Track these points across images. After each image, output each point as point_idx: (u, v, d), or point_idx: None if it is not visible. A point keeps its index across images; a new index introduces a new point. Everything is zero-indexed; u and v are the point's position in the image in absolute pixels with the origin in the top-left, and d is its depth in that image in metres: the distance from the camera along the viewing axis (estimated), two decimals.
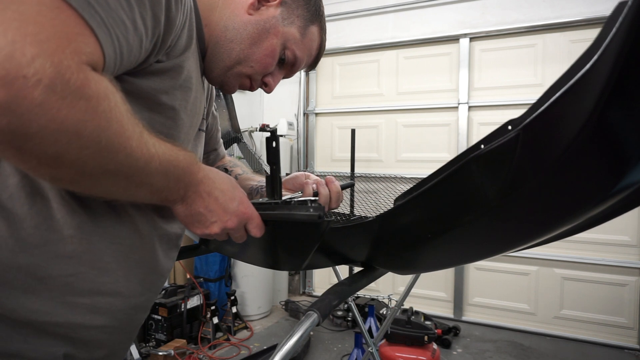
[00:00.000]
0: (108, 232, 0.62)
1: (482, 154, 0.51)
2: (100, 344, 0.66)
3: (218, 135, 1.06)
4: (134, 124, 0.51)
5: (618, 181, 0.52)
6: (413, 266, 0.90)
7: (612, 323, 3.18)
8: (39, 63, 0.41)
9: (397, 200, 1.06)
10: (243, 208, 0.67)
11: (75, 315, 0.61)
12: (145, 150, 0.53)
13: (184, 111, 0.67)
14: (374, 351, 2.00)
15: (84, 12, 0.45)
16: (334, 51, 4.11)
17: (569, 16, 3.22)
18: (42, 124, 0.42)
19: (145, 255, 0.68)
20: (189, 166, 0.60)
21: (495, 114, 3.51)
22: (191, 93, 0.68)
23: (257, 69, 0.76)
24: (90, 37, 0.46)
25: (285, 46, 0.77)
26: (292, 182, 0.93)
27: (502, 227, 0.62)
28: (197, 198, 0.63)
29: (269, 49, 0.75)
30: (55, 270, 0.58)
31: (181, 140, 0.69)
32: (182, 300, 2.98)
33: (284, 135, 4.00)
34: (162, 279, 0.75)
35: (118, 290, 0.65)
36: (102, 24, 0.47)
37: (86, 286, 0.61)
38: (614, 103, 0.43)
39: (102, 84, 0.47)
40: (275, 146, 0.74)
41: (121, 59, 0.51)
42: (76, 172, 0.48)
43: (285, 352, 0.60)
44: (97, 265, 0.61)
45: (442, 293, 3.72)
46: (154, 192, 0.58)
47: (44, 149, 0.44)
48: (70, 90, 0.43)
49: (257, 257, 0.95)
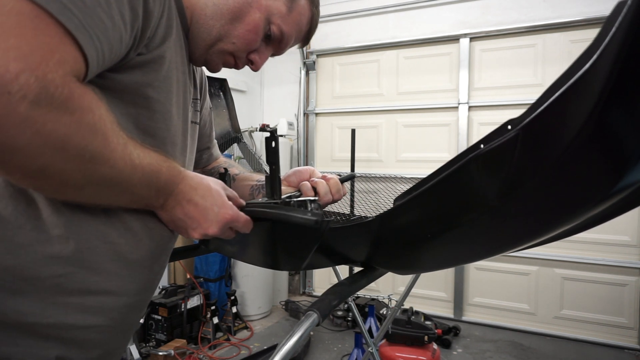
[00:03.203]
0: (99, 231, 0.61)
1: (482, 153, 0.51)
2: (94, 344, 0.64)
3: (212, 134, 1.04)
4: (118, 136, 0.52)
5: (618, 181, 0.51)
6: (413, 266, 0.90)
7: (612, 323, 3.18)
8: (24, 78, 0.41)
9: (396, 200, 1.06)
10: (223, 213, 0.66)
11: (66, 316, 0.59)
12: (129, 161, 0.53)
13: (170, 102, 0.66)
14: (374, 351, 2.00)
15: (61, 16, 0.45)
16: (334, 51, 4.11)
17: (569, 16, 3.22)
18: (28, 138, 0.43)
19: (138, 254, 0.67)
20: (171, 177, 0.61)
21: (495, 114, 3.51)
22: (173, 83, 0.67)
23: (239, 46, 0.73)
24: (71, 43, 0.46)
25: (270, 21, 0.73)
26: (294, 176, 0.91)
27: (501, 227, 0.62)
28: (177, 206, 0.64)
29: (251, 24, 0.71)
30: (43, 271, 0.57)
31: (171, 132, 0.68)
32: (182, 300, 2.98)
33: (284, 135, 3.99)
34: (157, 278, 0.74)
35: (110, 289, 0.63)
36: (80, 26, 0.47)
37: (76, 286, 0.60)
38: (614, 103, 0.42)
39: (86, 97, 0.47)
40: (275, 146, 0.74)
41: (103, 57, 0.51)
42: (60, 183, 0.49)
43: (285, 352, 0.59)
44: (86, 264, 0.60)
45: (442, 293, 3.72)
46: (135, 200, 0.59)
47: (29, 162, 0.45)
48: (55, 104, 0.44)
49: (256, 257, 0.95)
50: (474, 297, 3.62)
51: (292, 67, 4.30)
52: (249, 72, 4.28)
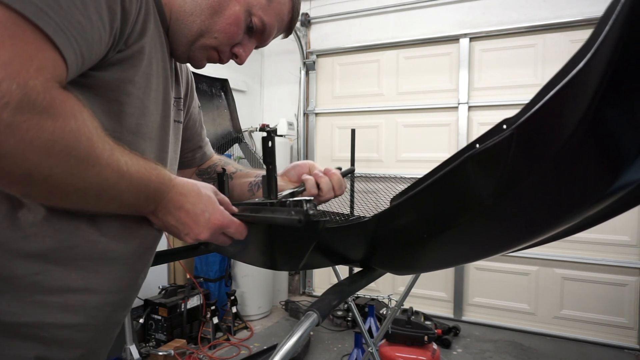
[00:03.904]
0: (80, 230, 0.61)
1: (477, 153, 0.51)
2: (75, 343, 0.63)
3: (203, 133, 1.03)
4: (104, 141, 0.52)
5: (614, 180, 0.51)
6: (410, 266, 0.90)
7: (612, 323, 3.18)
8: (5, 86, 0.42)
9: (393, 200, 1.06)
10: (213, 219, 0.66)
11: (45, 315, 0.59)
12: (116, 168, 0.53)
13: (148, 98, 0.66)
14: (374, 351, 2.00)
15: (38, 20, 0.45)
16: (334, 51, 4.11)
17: (568, 16, 3.22)
18: (12, 144, 0.43)
19: (120, 253, 0.66)
20: (160, 185, 0.61)
21: (495, 114, 3.51)
22: (153, 79, 0.66)
23: (221, 40, 0.73)
24: (50, 48, 0.47)
25: (251, 12, 0.73)
26: (293, 171, 0.91)
27: (498, 227, 0.62)
28: (167, 213, 0.64)
29: (232, 17, 0.71)
30: (19, 269, 0.56)
31: (150, 128, 0.68)
32: (182, 300, 2.98)
33: (284, 135, 3.99)
34: (140, 276, 0.73)
35: (90, 287, 0.63)
36: (58, 30, 0.47)
37: (55, 284, 0.59)
38: (609, 101, 0.42)
39: (68, 103, 0.48)
40: (271, 146, 0.74)
41: (82, 58, 0.51)
42: (47, 189, 0.49)
43: (285, 352, 0.59)
44: (65, 262, 0.59)
45: (442, 293, 3.72)
46: (124, 207, 0.59)
47: (14, 168, 0.45)
48: (38, 110, 0.44)
49: (255, 258, 0.95)
50: (473, 297, 3.61)
51: (292, 67, 4.30)
52: (249, 72, 4.28)
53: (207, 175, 1.03)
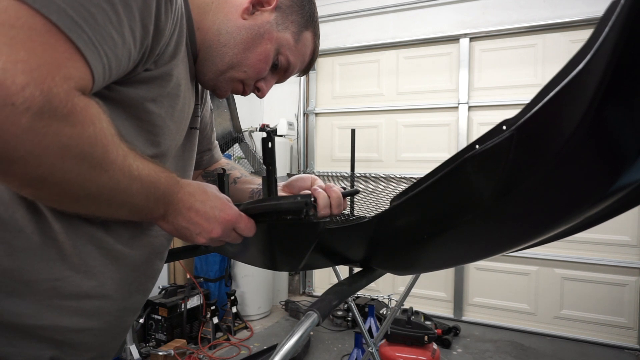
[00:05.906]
0: (95, 237, 0.62)
1: (477, 154, 0.51)
2: (88, 346, 0.65)
3: (213, 136, 1.05)
4: (118, 147, 0.53)
5: (614, 180, 0.51)
6: (410, 266, 0.90)
7: (612, 323, 3.18)
8: (29, 91, 0.42)
9: (393, 201, 1.06)
10: (224, 215, 0.67)
11: (62, 319, 0.60)
12: (127, 172, 0.54)
13: (171, 118, 0.67)
14: (374, 351, 2.00)
15: (71, 33, 0.46)
16: (334, 51, 4.11)
17: (568, 16, 3.22)
18: (28, 149, 0.43)
19: (134, 259, 0.68)
20: (169, 187, 0.62)
21: (495, 114, 3.51)
22: (179, 100, 0.68)
23: (250, 74, 0.76)
24: (79, 59, 0.47)
25: (279, 51, 0.77)
26: (296, 184, 0.90)
27: (498, 228, 0.62)
28: (178, 215, 0.64)
29: (263, 54, 0.75)
30: (41, 274, 0.58)
31: (166, 145, 0.69)
32: (182, 300, 2.98)
33: (284, 135, 3.99)
34: (152, 281, 0.75)
35: (106, 293, 0.64)
36: (89, 43, 0.48)
37: (73, 290, 0.60)
38: (609, 102, 0.42)
39: (89, 110, 0.48)
40: (271, 147, 0.74)
41: (110, 72, 0.52)
42: (58, 193, 0.50)
43: (285, 352, 0.60)
44: (82, 269, 0.61)
45: (442, 293, 3.72)
46: (135, 211, 0.60)
47: (28, 172, 0.45)
48: (57, 117, 0.45)
49: (255, 258, 0.95)
50: (473, 297, 3.62)
51: None
52: None
53: (212, 177, 1.04)
